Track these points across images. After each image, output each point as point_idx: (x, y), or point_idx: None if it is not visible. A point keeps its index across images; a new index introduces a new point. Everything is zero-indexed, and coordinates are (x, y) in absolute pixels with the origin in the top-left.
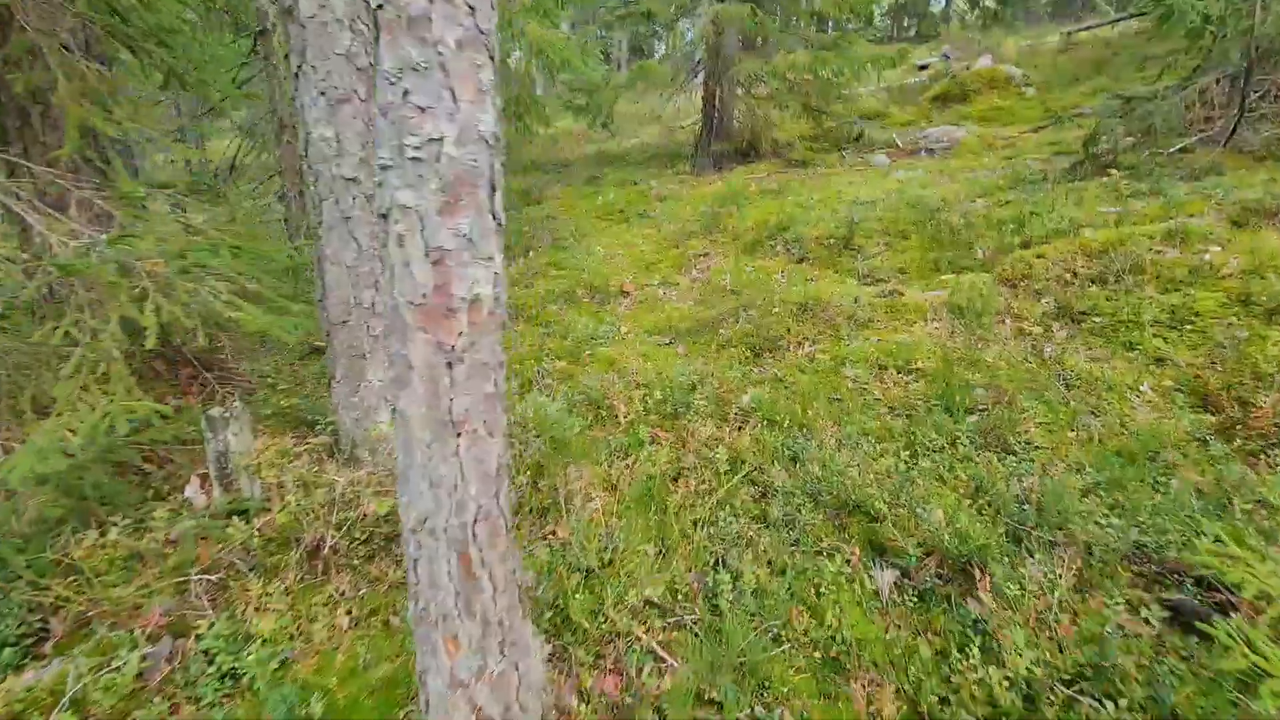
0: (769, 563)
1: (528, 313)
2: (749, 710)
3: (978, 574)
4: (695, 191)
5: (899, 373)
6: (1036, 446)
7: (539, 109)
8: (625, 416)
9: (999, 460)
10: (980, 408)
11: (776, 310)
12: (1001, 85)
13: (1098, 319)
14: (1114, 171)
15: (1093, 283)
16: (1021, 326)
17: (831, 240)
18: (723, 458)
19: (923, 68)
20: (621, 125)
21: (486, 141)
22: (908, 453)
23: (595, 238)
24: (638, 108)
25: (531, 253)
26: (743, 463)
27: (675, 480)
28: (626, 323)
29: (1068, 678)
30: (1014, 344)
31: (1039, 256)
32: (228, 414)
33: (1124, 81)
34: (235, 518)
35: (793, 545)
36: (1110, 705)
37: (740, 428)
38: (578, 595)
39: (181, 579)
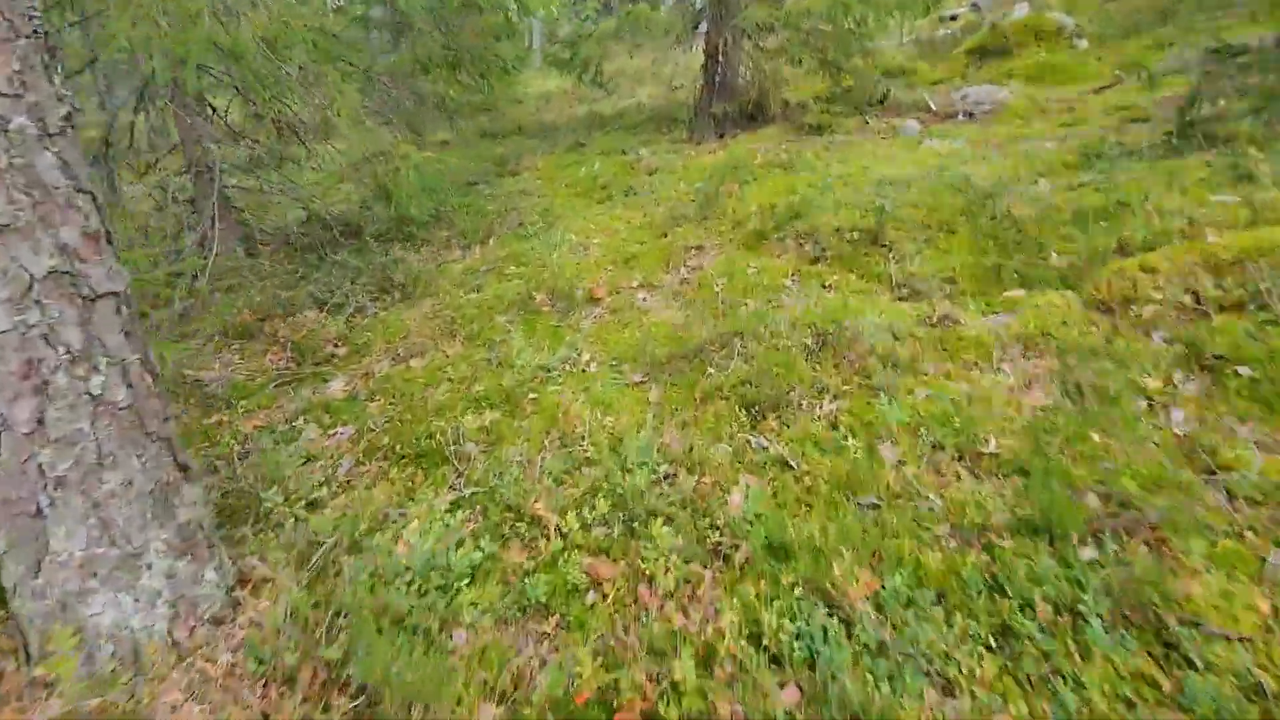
0: None
1: (467, 330)
2: None
3: None
4: (692, 162)
5: (962, 458)
6: (1220, 637)
7: (498, 66)
8: (555, 532)
9: (1161, 672)
10: (1101, 533)
11: (784, 340)
12: (1050, 37)
13: (1243, 370)
14: (1252, 150)
15: (1224, 309)
16: (1131, 377)
17: (855, 233)
18: (689, 670)
19: (952, 18)
20: (618, 83)
21: None
22: (1000, 641)
23: (570, 220)
24: (635, 63)
25: (492, 240)
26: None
27: (612, 699)
28: (590, 345)
29: None
30: (1125, 405)
31: (1145, 270)
32: None
33: (1197, 32)
34: None
35: None
36: None
37: (725, 560)
38: None
39: None
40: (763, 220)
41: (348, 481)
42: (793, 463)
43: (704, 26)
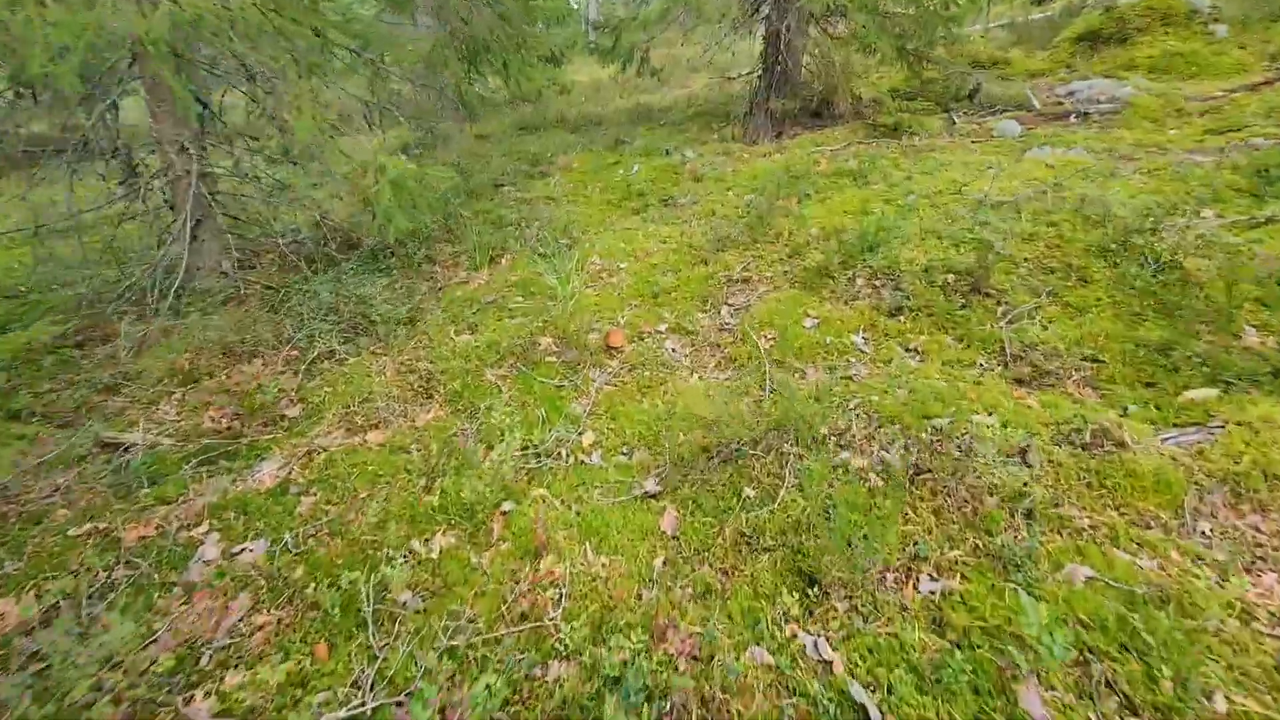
0: None
1: (447, 389)
2: None
3: None
4: (744, 167)
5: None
6: None
7: (524, 56)
8: None
9: None
10: None
11: (854, 453)
12: (1179, 21)
13: None
14: None
15: None
16: None
17: (950, 276)
18: None
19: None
20: (670, 72)
21: None
22: None
23: (597, 236)
24: (689, 50)
25: (505, 259)
26: None
27: None
28: (596, 420)
29: None
30: None
31: None
32: None
33: None
34: None
35: None
36: None
37: None
38: None
39: None
40: (826, 249)
41: (227, 652)
42: (873, 711)
43: (765, 9)
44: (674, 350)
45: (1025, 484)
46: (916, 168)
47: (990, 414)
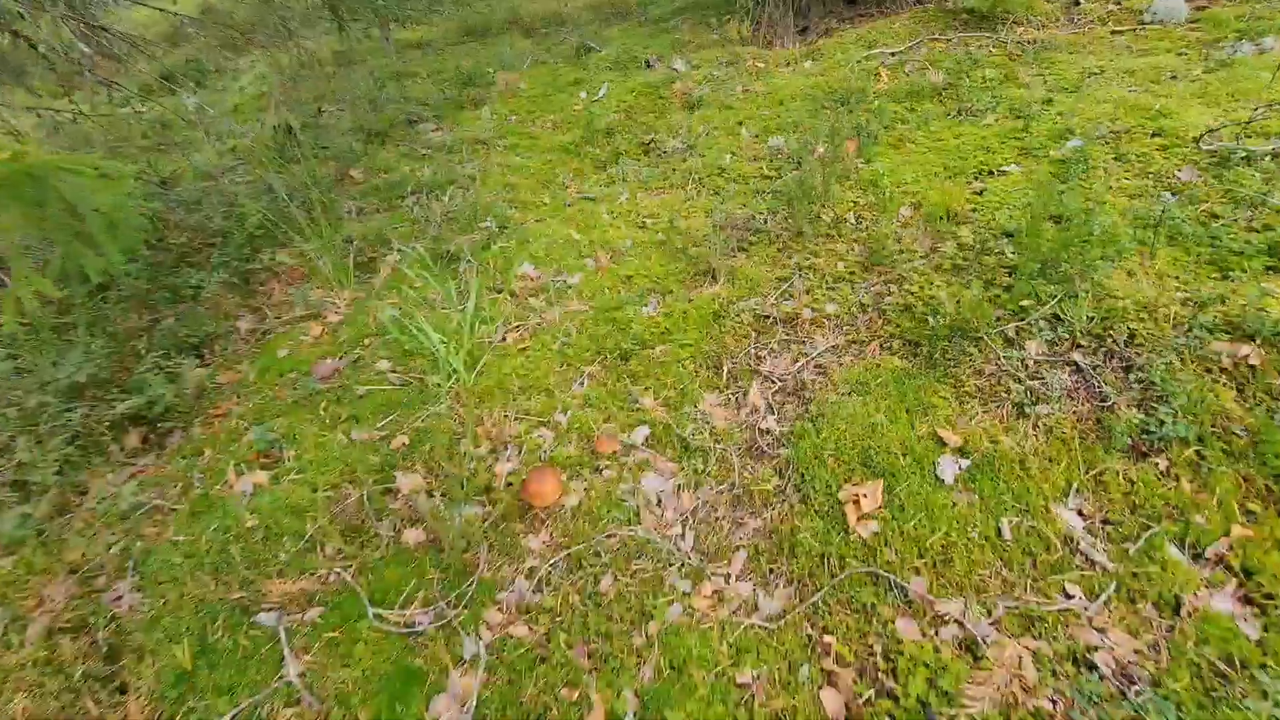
0: None
1: (158, 672)
2: None
3: None
4: (760, 85)
5: None
6: None
7: None
8: None
9: None
10: None
11: None
12: None
13: None
14: None
15: None
16: None
17: (1242, 346)
18: None
19: None
20: None
21: None
22: None
23: (536, 216)
24: None
25: (385, 268)
26: None
27: None
28: None
29: None
30: None
31: None
32: None
33: None
34: None
35: None
36: None
37: None
38: None
39: None
40: (942, 260)
41: None
42: None
43: None
44: (659, 502)
45: None
46: (1048, 82)
47: None
